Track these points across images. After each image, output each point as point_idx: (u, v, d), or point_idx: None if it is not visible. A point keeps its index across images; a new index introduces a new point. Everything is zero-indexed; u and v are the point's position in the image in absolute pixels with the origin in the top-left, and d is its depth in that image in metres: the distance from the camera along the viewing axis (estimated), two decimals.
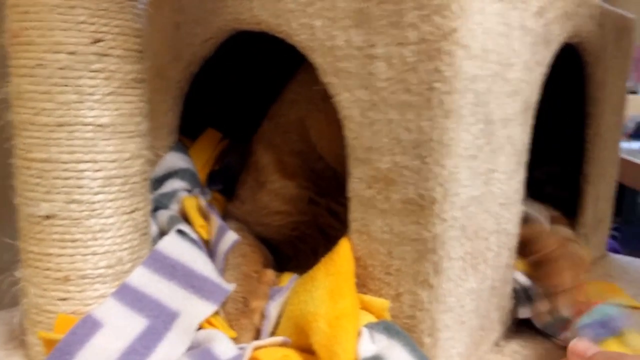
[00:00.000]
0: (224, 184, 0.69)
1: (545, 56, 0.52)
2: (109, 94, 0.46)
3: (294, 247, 0.62)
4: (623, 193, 2.18)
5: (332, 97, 0.47)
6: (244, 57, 0.74)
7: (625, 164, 1.97)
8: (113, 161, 0.47)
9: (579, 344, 0.41)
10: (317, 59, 0.47)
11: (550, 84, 0.69)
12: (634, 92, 2.37)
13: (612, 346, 0.42)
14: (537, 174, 0.84)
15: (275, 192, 0.59)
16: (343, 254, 0.49)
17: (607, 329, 0.43)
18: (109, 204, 0.48)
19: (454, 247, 0.45)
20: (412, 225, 0.45)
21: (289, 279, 0.53)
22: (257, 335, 0.49)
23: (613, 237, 2.28)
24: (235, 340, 0.48)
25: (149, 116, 0.52)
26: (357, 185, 0.48)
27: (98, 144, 0.46)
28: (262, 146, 0.61)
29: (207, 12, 0.55)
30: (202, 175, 0.65)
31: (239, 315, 0.50)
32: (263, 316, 0.50)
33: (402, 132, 0.44)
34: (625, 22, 0.71)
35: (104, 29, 0.46)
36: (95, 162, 0.47)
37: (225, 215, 0.63)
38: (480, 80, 0.44)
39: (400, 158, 0.44)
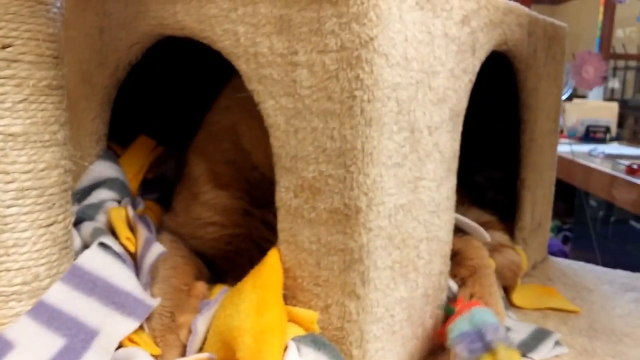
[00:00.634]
0: (160, 192, 0.67)
1: (472, 64, 0.53)
2: (21, 101, 0.44)
3: (231, 262, 0.60)
4: (574, 195, 2.25)
5: (258, 105, 0.46)
6: (186, 63, 0.72)
7: (576, 167, 2.04)
8: (27, 172, 0.45)
9: None
10: (242, 65, 0.46)
11: (493, 91, 0.71)
12: (582, 97, 2.45)
13: None
14: (479, 179, 0.86)
15: (208, 203, 0.57)
16: (271, 265, 0.48)
17: (482, 343, 0.43)
18: (24, 217, 0.45)
19: (381, 257, 0.45)
20: (338, 235, 0.44)
21: (218, 292, 0.51)
22: (184, 351, 0.48)
23: (565, 238, 2.35)
24: (160, 357, 0.46)
25: (71, 124, 0.50)
26: (284, 195, 0.47)
27: (9, 154, 0.44)
28: (195, 156, 0.60)
29: (131, 17, 0.53)
30: (134, 185, 0.62)
31: (164, 330, 0.48)
32: (190, 331, 0.48)
33: (326, 140, 0.43)
34: (556, 30, 0.73)
35: (14, 33, 0.43)
36: (7, 173, 0.44)
37: (160, 228, 0.61)
38: (403, 89, 0.43)
39: (325, 167, 0.44)
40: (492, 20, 0.55)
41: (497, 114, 0.77)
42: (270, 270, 0.47)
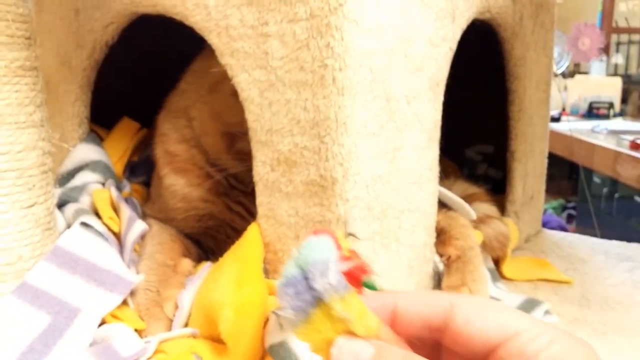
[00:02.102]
0: (147, 175, 0.67)
1: (452, 32, 0.52)
2: None
3: (214, 239, 0.61)
4: (578, 172, 2.23)
5: (232, 79, 0.46)
6: (168, 43, 0.72)
7: (578, 144, 2.01)
8: (4, 154, 0.45)
9: None
10: (214, 39, 0.46)
11: (484, 64, 0.69)
12: (585, 73, 2.42)
13: (321, 325, 0.26)
14: (469, 154, 0.85)
15: (169, 189, 0.57)
16: (250, 239, 0.47)
17: (310, 295, 0.27)
18: (3, 199, 0.46)
19: (360, 227, 0.45)
20: (315, 207, 0.44)
21: (202, 268, 0.51)
22: (169, 325, 0.48)
23: (570, 216, 2.33)
24: (145, 331, 0.47)
25: (53, 108, 0.50)
26: (261, 169, 0.47)
27: None
28: (156, 138, 0.60)
29: None
30: (119, 167, 0.63)
31: (149, 304, 0.48)
32: (176, 305, 0.48)
33: (300, 111, 0.43)
34: None
35: None
36: None
37: (143, 217, 0.62)
38: (376, 56, 0.43)
39: (299, 139, 0.44)
40: None
41: (490, 88, 0.76)
42: (250, 244, 0.47)
